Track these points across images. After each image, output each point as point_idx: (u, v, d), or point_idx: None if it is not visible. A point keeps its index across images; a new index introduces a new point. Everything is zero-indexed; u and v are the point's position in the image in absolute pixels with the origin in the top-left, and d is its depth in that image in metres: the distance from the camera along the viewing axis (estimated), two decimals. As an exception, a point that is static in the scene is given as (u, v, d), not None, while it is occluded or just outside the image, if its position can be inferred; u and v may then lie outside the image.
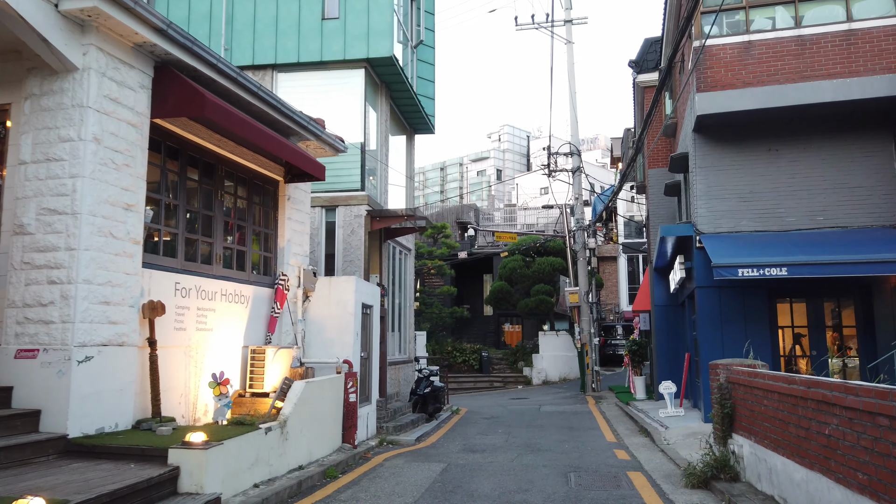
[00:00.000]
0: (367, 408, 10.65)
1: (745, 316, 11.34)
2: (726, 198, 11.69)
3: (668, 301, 16.56)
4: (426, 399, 13.82)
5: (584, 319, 21.76)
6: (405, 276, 16.11)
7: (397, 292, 15.36)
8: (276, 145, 8.23)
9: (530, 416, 15.38)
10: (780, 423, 5.59)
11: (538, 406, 17.84)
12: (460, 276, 38.32)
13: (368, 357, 10.92)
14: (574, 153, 22.57)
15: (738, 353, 11.23)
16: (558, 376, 26.07)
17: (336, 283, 9.94)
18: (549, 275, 27.09)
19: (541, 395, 21.40)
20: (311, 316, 9.90)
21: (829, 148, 11.34)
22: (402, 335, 15.78)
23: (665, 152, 17.23)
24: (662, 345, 16.55)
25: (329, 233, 12.59)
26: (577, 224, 22.37)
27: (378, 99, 13.81)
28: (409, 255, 16.37)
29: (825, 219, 11.23)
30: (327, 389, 8.70)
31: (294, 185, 9.78)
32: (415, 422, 12.52)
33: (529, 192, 61.46)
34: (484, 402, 20.30)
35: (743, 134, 11.68)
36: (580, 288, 21.83)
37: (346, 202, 12.48)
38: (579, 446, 10.35)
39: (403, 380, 15.09)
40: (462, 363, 27.56)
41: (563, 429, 12.69)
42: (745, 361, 7.21)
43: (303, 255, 9.93)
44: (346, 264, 12.33)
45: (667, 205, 16.94)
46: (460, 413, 16.37)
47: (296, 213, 9.80)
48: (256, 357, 8.39)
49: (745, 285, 11.34)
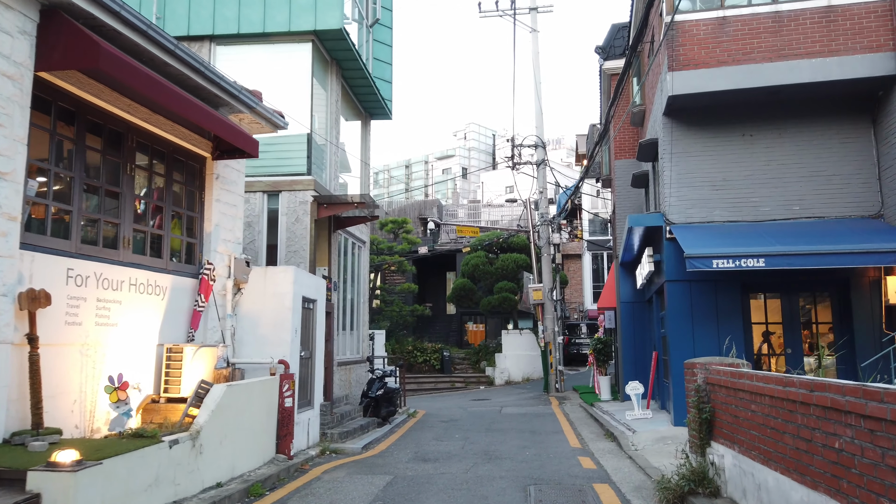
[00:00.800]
0: (309, 413, 9.61)
1: (718, 312, 10.63)
2: (698, 186, 10.97)
3: (635, 297, 15.87)
4: (378, 402, 12.81)
5: (547, 317, 21.01)
6: (359, 271, 15.08)
7: (350, 287, 14.32)
8: (199, 114, 7.15)
9: (490, 418, 14.50)
10: (772, 432, 4.77)
11: (499, 408, 16.99)
12: (423, 274, 37.36)
13: (311, 356, 9.88)
14: (539, 145, 21.82)
15: (710, 351, 10.52)
16: (521, 376, 25.31)
17: (272, 274, 8.88)
18: (512, 272, 26.30)
19: (503, 396, 20.58)
20: (244, 310, 8.82)
21: (805, 134, 10.71)
22: (356, 333, 14.74)
23: (632, 143, 16.54)
24: (628, 343, 15.86)
25: (271, 221, 11.50)
26: (541, 219, 21.61)
27: (328, 77, 12.76)
28: (364, 248, 15.34)
29: (801, 209, 10.59)
30: (257, 393, 7.65)
31: (224, 164, 8.69)
32: (364, 427, 11.51)
33: (495, 190, 60.79)
34: (444, 403, 19.38)
35: (716, 118, 10.98)
36: (544, 285, 21.07)
37: (290, 187, 11.41)
38: (541, 453, 9.49)
39: (355, 381, 14.06)
40: (423, 363, 26.62)
41: (524, 433, 11.83)
42: (725, 360, 6.42)
43: (234, 241, 8.84)
44: (290, 255, 11.26)
45: (634, 197, 16.25)
46: (417, 416, 15.41)
47: (226, 195, 8.71)
48: (173, 357, 7.29)
49: (718, 279, 10.64)
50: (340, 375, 12.90)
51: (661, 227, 11.07)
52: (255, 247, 11.34)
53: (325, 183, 12.43)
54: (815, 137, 10.65)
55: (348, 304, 14.04)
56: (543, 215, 21.54)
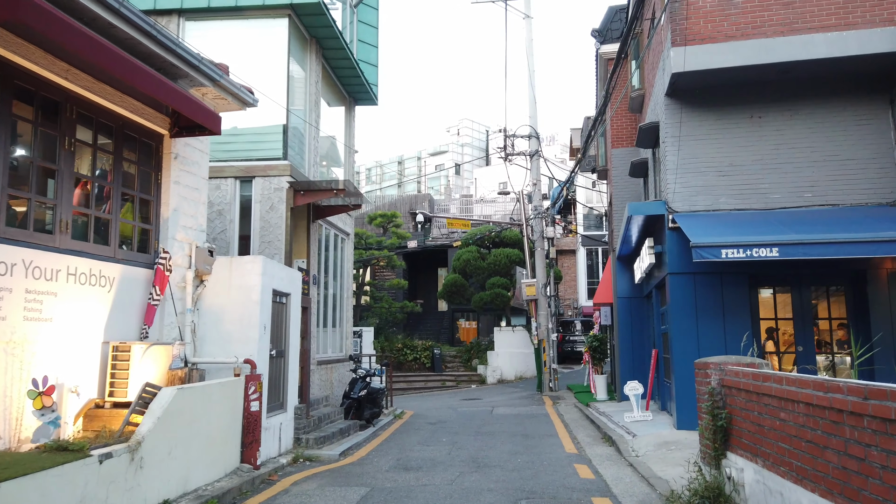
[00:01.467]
0: (281, 416, 8.80)
1: (724, 306, 9.88)
2: (703, 172, 10.21)
3: (633, 293, 15.13)
4: (361, 403, 12.02)
5: (541, 314, 20.25)
6: (342, 264, 14.27)
7: (332, 282, 13.51)
8: (151, 83, 6.32)
9: (481, 420, 13.73)
10: (809, 446, 4.00)
11: (491, 408, 16.22)
12: (414, 271, 36.57)
13: (283, 355, 9.07)
14: (532, 136, 21.04)
15: (715, 348, 9.77)
16: (514, 374, 24.56)
17: (238, 265, 8.06)
18: (505, 267, 25.53)
19: (495, 396, 19.82)
20: (207, 305, 8.01)
21: (818, 115, 9.96)
22: (339, 331, 13.94)
23: (630, 130, 15.78)
24: (626, 341, 15.11)
25: (244, 209, 10.67)
26: (534, 212, 20.84)
27: (307, 56, 11.92)
28: (348, 241, 14.52)
29: (814, 195, 9.85)
30: (217, 397, 6.84)
31: (184, 142, 7.86)
32: (344, 431, 10.71)
33: (488, 186, 59.96)
34: (433, 403, 18.60)
35: (722, 99, 10.22)
36: (538, 280, 20.30)
37: (264, 173, 10.58)
38: (534, 460, 8.72)
39: (338, 381, 13.26)
40: (413, 361, 25.82)
41: (516, 436, 11.06)
42: (742, 360, 5.65)
43: (196, 229, 8.02)
44: (264, 246, 10.44)
45: (632, 187, 15.49)
46: (404, 417, 14.62)
47: (187, 177, 7.88)
48: (120, 356, 6.47)
49: (724, 271, 9.89)
50: (320, 375, 12.10)
51: (662, 216, 10.31)
52: (227, 237, 10.52)
53: (303, 169, 11.61)
54: (829, 119, 9.90)
55: (330, 299, 13.23)
56: (537, 208, 20.77)
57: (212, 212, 10.57)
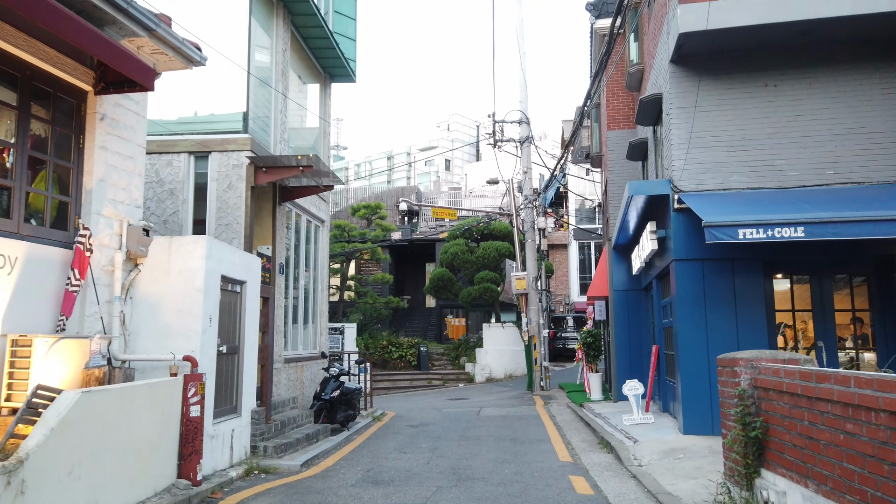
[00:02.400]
0: (233, 422, 7.67)
1: (736, 297, 8.84)
2: (712, 147, 9.16)
3: (630, 285, 14.09)
4: (334, 405, 10.90)
5: (532, 309, 19.20)
6: (317, 254, 13.14)
7: (305, 273, 12.38)
8: (62, 23, 5.17)
9: (467, 422, 12.65)
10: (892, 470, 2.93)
11: (478, 408, 15.15)
12: (401, 266, 35.45)
13: (237, 351, 7.93)
14: (523, 121, 19.96)
15: (726, 343, 8.72)
16: (504, 373, 23.49)
17: (179, 246, 6.91)
18: (494, 261, 24.44)
19: (483, 395, 18.74)
20: (142, 292, 6.86)
21: (841, 83, 8.93)
22: (313, 325, 12.81)
23: (627, 111, 14.73)
24: (622, 336, 14.07)
25: (200, 189, 9.52)
26: (525, 201, 19.77)
27: (273, 21, 10.76)
28: (323, 229, 13.38)
29: (836, 172, 8.81)
30: (142, 401, 5.70)
31: (115, 102, 6.70)
32: (312, 436, 9.59)
33: (479, 181, 58.83)
34: (418, 403, 17.50)
35: (733, 65, 9.17)
36: (528, 273, 19.24)
37: (221, 147, 9.43)
38: (523, 471, 7.64)
39: (310, 381, 12.13)
40: (398, 359, 24.71)
41: (503, 441, 9.98)
42: (779, 355, 4.59)
43: (130, 204, 6.86)
44: (221, 230, 9.29)
45: (629, 172, 14.44)
46: (384, 419, 13.52)
47: (117, 143, 6.72)
48: (20, 352, 5.32)
49: (737, 258, 8.85)
50: (289, 374, 10.97)
51: (667, 196, 9.25)
52: (180, 219, 9.36)
53: (268, 146, 10.46)
54: (853, 87, 8.87)
55: (301, 291, 12.09)
56: (528, 198, 19.70)
57: (162, 191, 9.42)
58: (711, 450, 7.84)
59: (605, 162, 16.22)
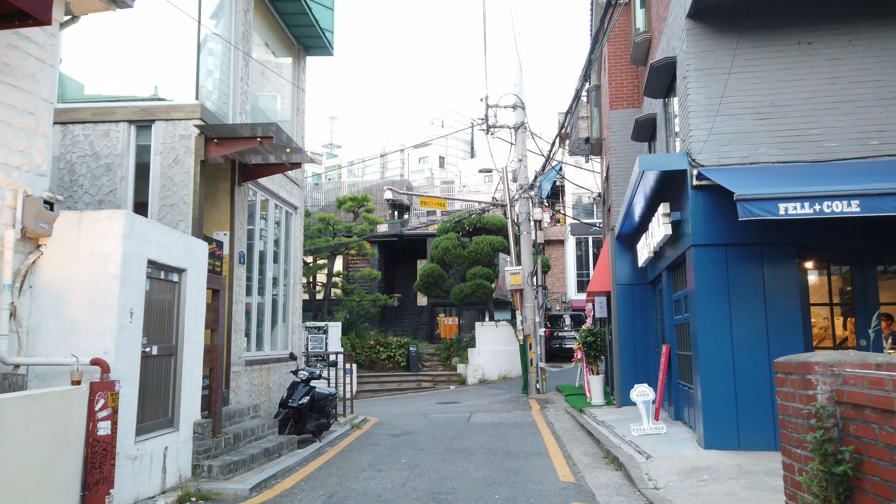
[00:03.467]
0: (167, 438, 6.36)
1: (766, 289, 7.58)
2: (737, 114, 7.89)
3: (635, 278, 12.83)
4: (302, 413, 9.59)
5: (527, 306, 17.92)
6: (288, 244, 11.83)
7: (274, 264, 11.07)
8: None
9: (455, 430, 11.37)
10: None
11: (469, 414, 13.87)
12: (391, 263, 34.18)
13: (174, 353, 6.62)
14: (518, 106, 18.70)
15: (755, 342, 7.45)
16: (498, 374, 22.22)
17: (91, 223, 5.59)
18: (488, 256, 23.16)
19: (475, 398, 17.47)
20: (46, 280, 5.54)
21: (886, 40, 7.68)
22: (284, 324, 11.50)
23: (632, 88, 13.48)
24: (626, 335, 12.81)
25: (142, 166, 8.21)
26: (519, 191, 18.49)
27: (233, -24, 9.45)
28: (296, 216, 12.07)
29: (882, 142, 7.56)
30: (18, 419, 4.38)
31: (8, 42, 5.38)
32: (272, 451, 8.28)
33: (473, 179, 57.55)
34: (404, 407, 16.22)
35: (761, 20, 7.91)
36: (523, 267, 17.97)
37: (167, 115, 8.11)
38: (517, 496, 6.35)
39: (280, 385, 10.83)
40: (386, 360, 23.42)
41: (495, 455, 8.70)
42: (869, 358, 3.31)
43: (29, 171, 5.54)
44: (166, 211, 7.98)
45: (634, 155, 13.18)
46: (364, 427, 12.23)
47: (12, 94, 5.40)
48: None
49: (766, 242, 7.60)
50: (251, 378, 9.66)
51: (684, 172, 7.98)
52: (118, 198, 8.05)
53: (226, 118, 9.15)
54: (901, 44, 7.62)
55: (269, 284, 10.78)
56: (522, 187, 18.43)
57: (98, 166, 8.10)
58: (741, 470, 6.57)
59: (606, 146, 14.97)
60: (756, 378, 7.47)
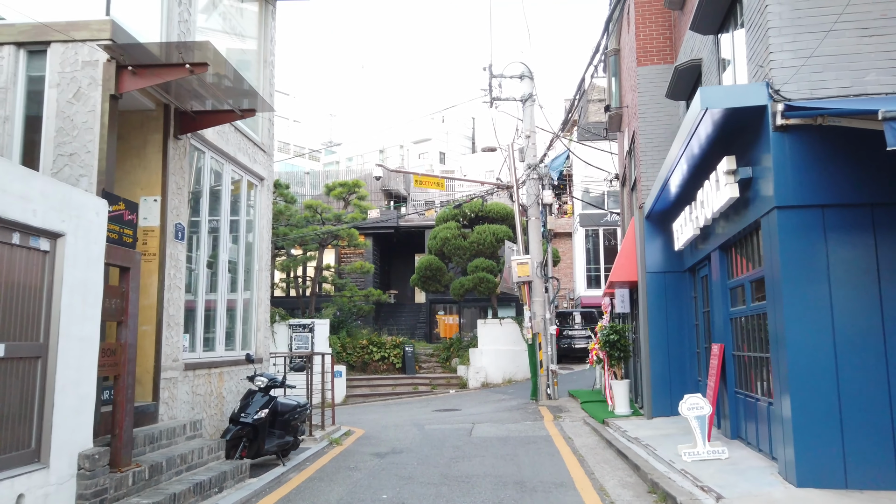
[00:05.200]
0: (30, 479, 4.28)
1: (879, 264, 5.51)
2: (835, 31, 5.82)
3: (669, 265, 10.76)
4: (259, 430, 7.52)
5: (536, 301, 15.85)
6: (254, 222, 9.79)
7: (232, 245, 9.02)
8: None
9: (454, 447, 9.32)
10: None
11: (471, 425, 11.82)
12: (387, 257, 32.12)
13: (41, 354, 4.55)
14: (525, 76, 16.64)
15: (865, 340, 5.34)
16: (502, 377, 20.14)
17: None
18: (491, 247, 21.08)
19: (477, 405, 15.40)
20: None
21: None
22: (243, 317, 9.44)
23: (663, 41, 11.41)
24: (658, 333, 10.75)
25: (34, 99, 6.14)
26: (527, 170, 16.41)
27: None
28: (263, 189, 10.01)
29: None
30: None
31: None
32: (208, 485, 6.19)
33: (474, 173, 55.44)
34: (397, 415, 14.17)
35: None
36: (531, 257, 15.89)
37: (66, 34, 6.04)
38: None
39: (237, 393, 8.75)
40: (380, 361, 21.36)
41: (506, 487, 6.64)
42: None
43: None
44: (64, 163, 5.91)
45: (667, 119, 11.13)
46: (345, 442, 10.20)
47: None
48: None
49: (880, 202, 5.53)
50: (194, 386, 7.59)
51: (761, 111, 5.90)
52: (0, 144, 5.98)
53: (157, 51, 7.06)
54: None
55: (223, 269, 8.71)
56: (531, 166, 16.35)
57: (-27, 103, 6.03)
58: (870, 525, 4.51)
59: (630, 114, 12.90)
60: (869, 388, 5.40)
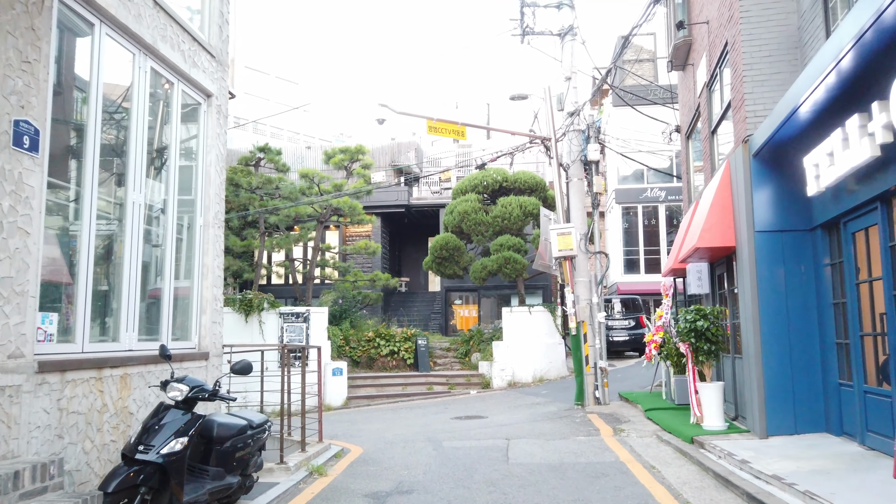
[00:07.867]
0: None
1: None
2: None
3: (789, 222, 7.64)
4: (169, 473, 4.43)
5: (580, 281, 12.74)
6: (198, 155, 6.75)
7: (152, 182, 5.99)
8: None
9: (488, 484, 6.25)
10: None
11: (505, 442, 8.76)
12: (398, 240, 29.10)
13: None
14: (564, 4, 13.45)
15: None
16: (532, 375, 17.03)
17: None
18: (518, 221, 17.92)
19: (507, 411, 12.33)
20: None
21: None
22: (183, 296, 6.42)
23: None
24: (776, 316, 7.63)
25: None
26: (567, 120, 13.24)
27: None
28: (209, 110, 6.94)
29: None
30: None
31: None
32: None
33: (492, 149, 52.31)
34: (407, 425, 11.14)
35: None
36: (574, 226, 12.75)
37: None
38: None
39: (149, 406, 5.69)
40: (389, 356, 18.35)
41: None
42: None
43: None
44: None
45: (782, 17, 7.96)
46: (332, 472, 7.19)
47: None
48: None
49: None
50: (58, 401, 4.54)
51: None
52: None
53: None
54: None
55: (131, 213, 5.66)
56: (572, 115, 13.19)
57: None
58: None
59: (717, 24, 9.71)
60: None
